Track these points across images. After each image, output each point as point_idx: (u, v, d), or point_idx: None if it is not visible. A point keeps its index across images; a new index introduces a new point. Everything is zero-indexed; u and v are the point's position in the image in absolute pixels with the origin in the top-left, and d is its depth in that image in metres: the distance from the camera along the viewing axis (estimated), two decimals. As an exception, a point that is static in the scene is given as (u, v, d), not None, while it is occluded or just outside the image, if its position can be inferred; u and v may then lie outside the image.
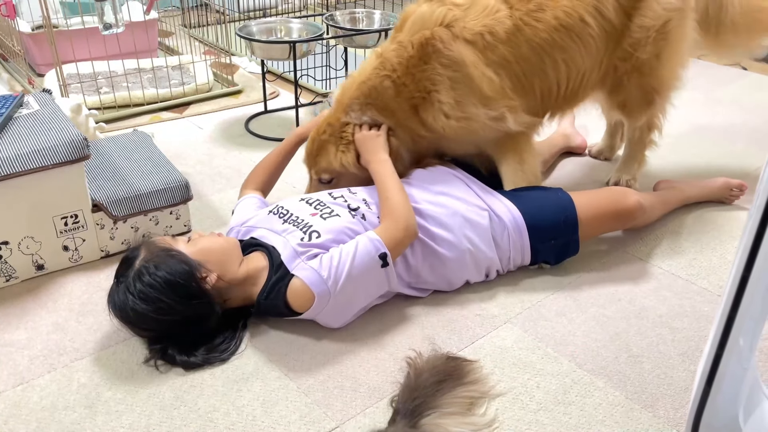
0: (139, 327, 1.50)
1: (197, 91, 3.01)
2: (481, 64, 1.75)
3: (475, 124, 1.78)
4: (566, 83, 1.88)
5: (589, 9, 1.80)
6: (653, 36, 1.89)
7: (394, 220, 1.59)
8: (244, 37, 2.62)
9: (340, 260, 1.49)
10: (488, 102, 1.77)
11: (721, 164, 2.45)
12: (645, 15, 1.86)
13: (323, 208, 1.66)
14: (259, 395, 1.42)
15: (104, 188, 1.86)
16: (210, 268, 1.50)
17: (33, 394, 1.42)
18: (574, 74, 1.87)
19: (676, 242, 1.97)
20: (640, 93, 1.99)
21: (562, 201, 1.80)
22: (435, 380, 1.37)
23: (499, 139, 1.87)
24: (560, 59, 1.82)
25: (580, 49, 1.84)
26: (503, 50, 1.76)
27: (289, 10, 4.39)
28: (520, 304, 1.70)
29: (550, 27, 1.78)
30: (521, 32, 1.77)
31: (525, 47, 1.78)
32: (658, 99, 2.03)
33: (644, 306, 1.70)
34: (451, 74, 1.74)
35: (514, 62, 1.78)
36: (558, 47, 1.80)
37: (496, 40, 1.75)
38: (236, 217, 1.81)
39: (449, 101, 1.75)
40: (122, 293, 1.45)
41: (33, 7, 3.03)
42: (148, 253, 1.48)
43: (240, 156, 2.51)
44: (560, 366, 1.50)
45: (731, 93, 3.17)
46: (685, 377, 1.47)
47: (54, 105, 1.91)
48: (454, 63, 1.73)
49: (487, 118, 1.78)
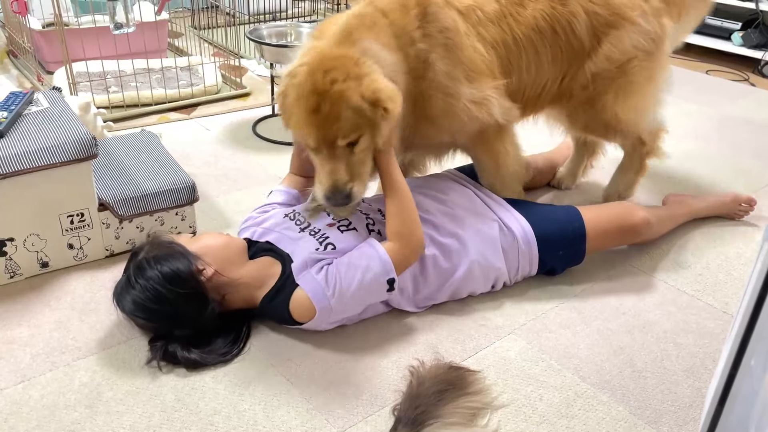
0: (136, 315, 1.51)
1: (205, 92, 3.01)
2: (473, 37, 1.69)
3: (458, 103, 1.66)
4: (531, 87, 1.85)
5: (562, 21, 1.78)
6: (614, 71, 1.84)
7: (406, 240, 1.55)
8: (254, 40, 2.62)
9: (346, 277, 1.48)
10: (474, 79, 1.68)
11: (729, 180, 2.44)
12: (613, 45, 1.82)
13: (341, 219, 1.64)
14: (260, 400, 1.41)
15: (111, 187, 1.86)
16: (208, 261, 1.51)
17: (34, 392, 1.41)
18: (539, 81, 1.84)
19: (682, 257, 1.96)
20: (597, 125, 1.96)
21: (571, 213, 1.80)
22: (437, 389, 1.37)
23: (475, 136, 1.78)
24: (532, 59, 1.80)
25: (548, 56, 1.81)
26: (493, 30, 1.72)
27: (299, 14, 4.40)
28: (524, 315, 1.69)
29: (528, 24, 1.76)
30: (506, 19, 1.74)
31: (509, 36, 1.75)
32: (618, 134, 1.99)
33: (649, 320, 1.69)
34: (444, 41, 1.64)
35: (501, 46, 1.74)
36: (532, 46, 1.78)
37: (486, 19, 1.72)
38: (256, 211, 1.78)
39: (441, 69, 1.64)
40: (124, 282, 1.50)
41: (44, 5, 3.04)
42: (151, 246, 1.53)
43: (246, 158, 2.51)
44: (564, 379, 1.49)
45: (739, 109, 3.16)
46: (690, 394, 1.46)
47: (63, 103, 1.91)
48: (447, 29, 1.64)
49: (470, 99, 1.67)
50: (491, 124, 1.73)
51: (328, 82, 1.41)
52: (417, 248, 1.57)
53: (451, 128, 1.73)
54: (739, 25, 3.86)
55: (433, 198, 1.78)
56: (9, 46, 3.42)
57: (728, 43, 3.86)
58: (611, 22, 1.81)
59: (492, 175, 1.88)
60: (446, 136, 1.76)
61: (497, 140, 1.81)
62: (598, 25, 1.81)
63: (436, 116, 1.68)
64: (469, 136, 1.78)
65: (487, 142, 1.81)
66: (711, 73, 3.71)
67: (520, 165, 1.91)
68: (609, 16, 1.81)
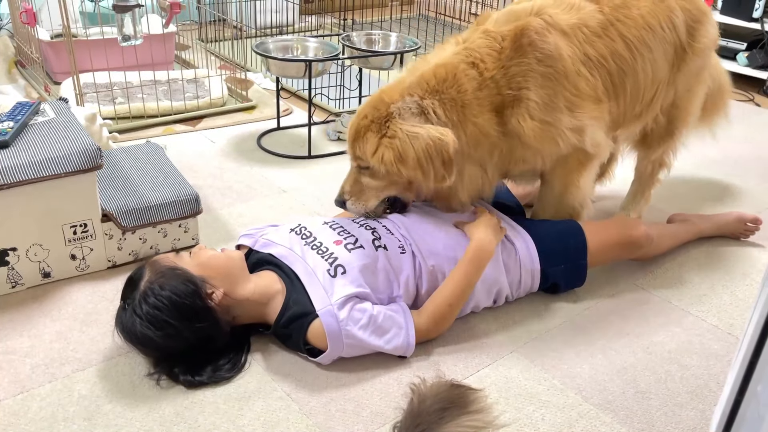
0: (148, 348, 1.47)
1: (211, 104, 3.02)
2: (578, 60, 1.67)
3: (555, 131, 1.66)
4: (649, 89, 1.84)
5: (665, 16, 1.81)
6: (701, 63, 1.92)
7: (439, 327, 1.59)
8: (260, 53, 2.64)
9: (368, 337, 1.48)
10: (574, 107, 1.67)
11: (734, 200, 2.43)
12: (705, 37, 1.89)
13: (347, 236, 1.63)
14: (260, 415, 1.40)
15: (115, 198, 1.87)
16: (215, 284, 1.48)
17: (33, 404, 1.40)
18: (655, 80, 1.84)
19: (686, 277, 1.95)
20: (666, 123, 1.99)
21: (572, 226, 1.80)
22: (438, 407, 1.35)
23: (557, 162, 1.77)
24: (648, 58, 1.79)
25: (661, 52, 1.82)
26: (600, 45, 1.71)
27: (305, 28, 4.43)
28: (527, 333, 1.68)
29: (638, 24, 1.76)
30: (614, 27, 1.73)
31: (620, 43, 1.73)
32: (677, 133, 2.03)
33: (653, 341, 1.68)
34: (543, 70, 1.62)
35: (610, 59, 1.72)
36: (646, 45, 1.78)
37: (593, 34, 1.70)
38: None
39: (537, 100, 1.63)
40: (129, 315, 1.43)
41: (53, 16, 3.06)
42: (152, 272, 1.46)
43: (251, 171, 2.52)
44: (566, 398, 1.48)
45: (744, 129, 3.16)
46: (694, 416, 1.45)
47: (69, 113, 1.92)
48: (548, 57, 1.62)
49: (568, 126, 1.67)
50: (579, 149, 1.73)
51: (362, 118, 1.64)
52: (441, 332, 1.61)
53: (546, 152, 1.73)
54: (744, 46, 3.87)
55: (433, 209, 1.77)
56: (17, 56, 3.44)
57: (733, 63, 3.86)
58: (697, 17, 1.87)
59: (551, 201, 1.87)
60: (540, 161, 1.76)
61: (575, 171, 1.80)
62: (691, 20, 1.86)
63: (530, 143, 1.67)
64: (553, 160, 1.77)
65: (565, 169, 1.79)
66: (716, 93, 3.71)
67: (581, 205, 1.88)
68: (695, 11, 1.87)
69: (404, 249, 1.63)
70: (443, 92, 1.60)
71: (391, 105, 1.60)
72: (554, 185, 1.84)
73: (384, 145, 1.58)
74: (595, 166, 1.84)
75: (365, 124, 1.62)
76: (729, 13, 3.84)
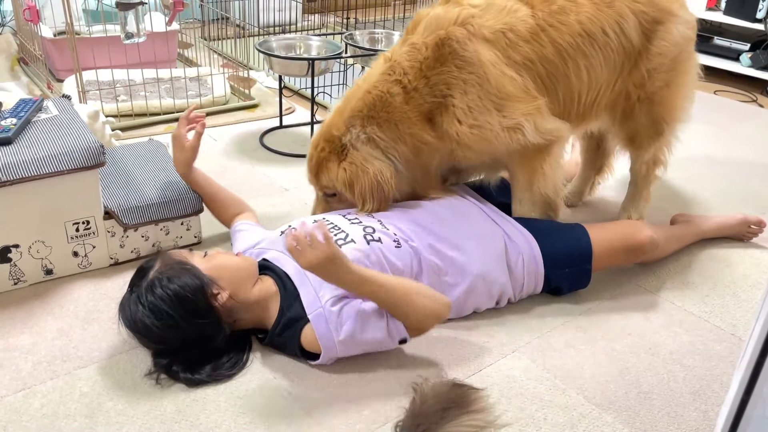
0: (146, 338, 1.48)
1: (214, 103, 3.02)
2: (501, 64, 1.70)
3: (489, 132, 1.70)
4: (586, 93, 1.84)
5: (610, 22, 1.79)
6: (668, 64, 1.88)
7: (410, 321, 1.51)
8: (263, 52, 2.64)
9: (361, 334, 1.46)
10: (504, 107, 1.69)
11: (737, 201, 2.43)
12: (664, 39, 1.86)
13: (338, 232, 1.63)
14: (261, 413, 1.40)
15: (117, 196, 1.86)
16: (222, 285, 1.48)
17: (34, 401, 1.40)
18: (594, 85, 1.84)
19: (689, 278, 1.94)
20: (649, 122, 1.97)
21: (577, 230, 1.79)
22: (440, 407, 1.35)
23: (514, 153, 1.78)
24: (582, 65, 1.79)
25: (600, 59, 1.81)
26: (526, 49, 1.72)
27: (308, 27, 4.43)
28: (529, 333, 1.68)
29: (573, 31, 1.76)
30: (545, 32, 1.73)
31: (549, 48, 1.74)
32: (666, 129, 2.01)
33: (655, 342, 1.67)
34: (465, 77, 1.67)
35: (537, 63, 1.73)
36: (581, 53, 1.77)
37: (518, 38, 1.71)
38: (243, 242, 1.78)
39: (462, 106, 1.68)
40: (133, 303, 1.45)
41: (56, 13, 3.06)
42: (162, 264, 1.47)
43: (253, 170, 2.51)
44: (568, 398, 1.47)
45: (747, 130, 3.16)
46: (696, 417, 1.44)
47: (72, 111, 1.92)
48: (469, 64, 1.67)
49: (501, 127, 1.70)
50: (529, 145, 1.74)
51: (320, 151, 1.77)
52: (431, 317, 1.50)
53: (486, 152, 1.77)
54: (747, 46, 3.87)
55: (438, 210, 1.77)
56: (20, 54, 3.44)
57: (736, 64, 3.86)
58: (657, 18, 1.85)
59: (521, 192, 1.86)
60: (486, 157, 1.81)
61: (535, 159, 1.80)
62: (646, 22, 1.84)
63: (467, 144, 1.72)
64: (509, 152, 1.78)
65: (524, 157, 1.80)
66: (719, 94, 3.71)
67: (554, 191, 1.87)
68: (654, 12, 1.84)
69: (399, 243, 1.63)
70: (376, 117, 1.71)
71: (342, 137, 1.73)
72: (518, 177, 1.85)
73: (342, 168, 1.73)
74: (557, 152, 1.83)
75: (324, 155, 1.76)
76: (732, 14, 3.83)
